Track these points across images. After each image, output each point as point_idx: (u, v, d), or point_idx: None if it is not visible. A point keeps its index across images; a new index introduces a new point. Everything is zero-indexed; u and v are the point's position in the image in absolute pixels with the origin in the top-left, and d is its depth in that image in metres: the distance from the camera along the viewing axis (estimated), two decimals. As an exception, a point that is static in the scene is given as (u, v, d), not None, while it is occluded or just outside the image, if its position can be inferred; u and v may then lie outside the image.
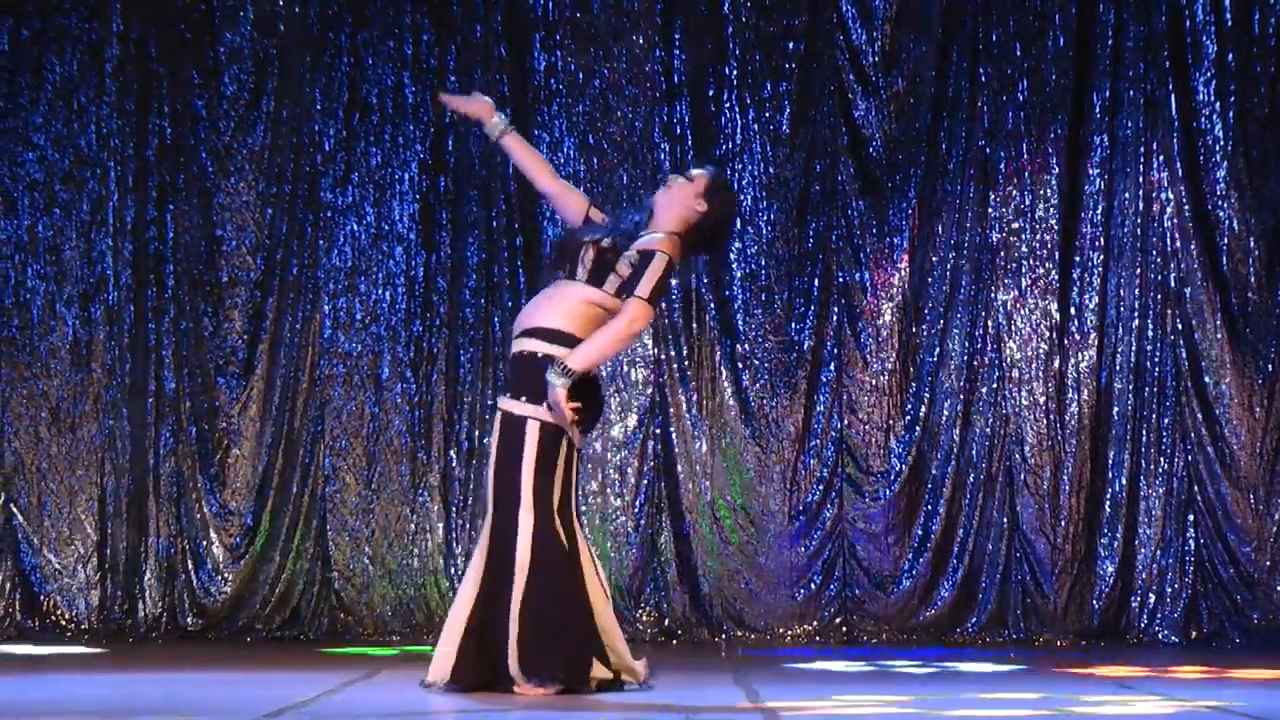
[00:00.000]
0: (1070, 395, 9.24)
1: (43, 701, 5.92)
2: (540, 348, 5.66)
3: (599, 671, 5.65)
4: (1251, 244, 9.20)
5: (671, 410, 9.31)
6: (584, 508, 9.14)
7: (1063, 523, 9.20)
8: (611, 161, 9.28)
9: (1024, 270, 9.30)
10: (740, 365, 9.33)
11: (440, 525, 9.20)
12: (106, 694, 6.25)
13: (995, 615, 9.17)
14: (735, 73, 9.32)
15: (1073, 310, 9.27)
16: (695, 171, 5.93)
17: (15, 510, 9.28)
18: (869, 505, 9.32)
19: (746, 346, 9.34)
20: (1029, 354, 9.27)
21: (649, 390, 9.31)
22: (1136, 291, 9.21)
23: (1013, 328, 9.29)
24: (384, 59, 9.36)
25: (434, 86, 9.11)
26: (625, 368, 9.26)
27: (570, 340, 5.64)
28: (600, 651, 5.67)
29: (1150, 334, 9.23)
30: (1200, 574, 9.12)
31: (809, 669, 7.56)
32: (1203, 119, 9.22)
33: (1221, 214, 9.22)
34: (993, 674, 7.23)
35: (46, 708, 5.59)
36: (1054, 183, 9.29)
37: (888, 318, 9.36)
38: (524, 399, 5.63)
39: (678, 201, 5.84)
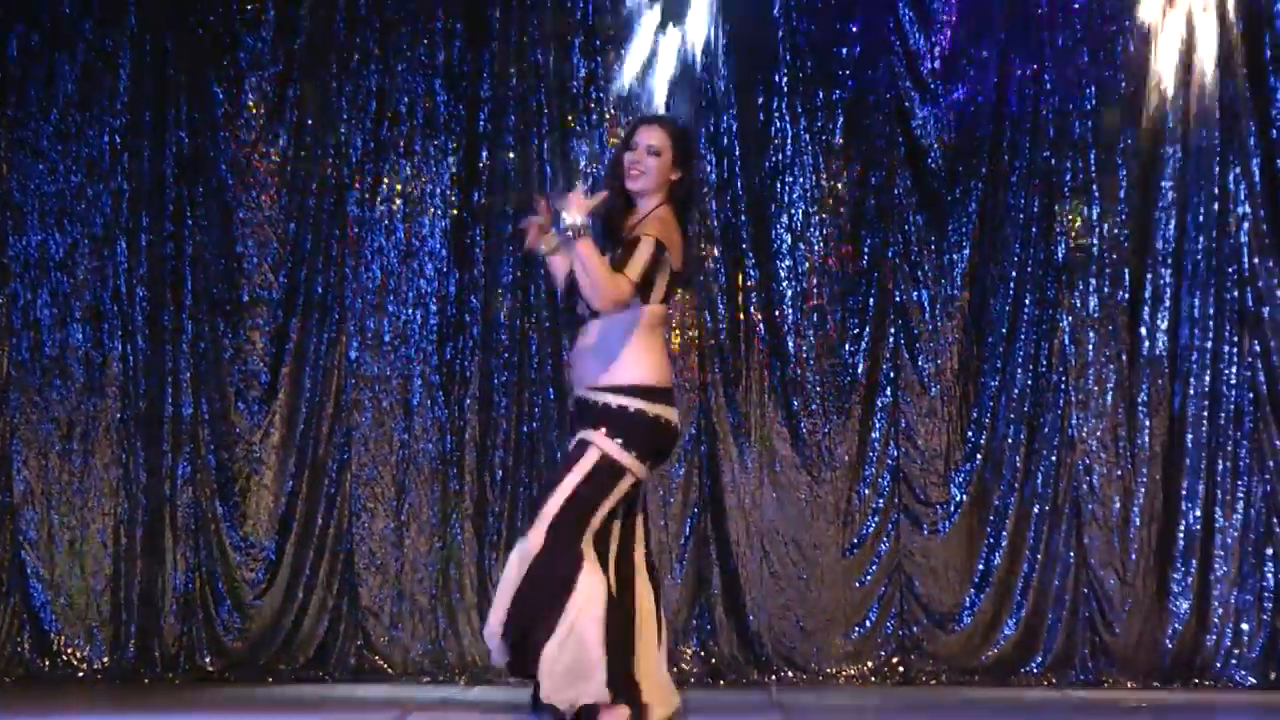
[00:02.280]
0: (1141, 422, 9.16)
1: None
2: (631, 404, 5.74)
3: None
4: (1336, 260, 9.12)
5: (718, 438, 9.22)
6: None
7: (1133, 557, 9.12)
8: (654, 175, 9.12)
9: (1091, 289, 9.20)
10: (790, 390, 9.24)
11: (474, 559, 9.09)
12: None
13: (1061, 655, 9.08)
14: (785, 80, 9.22)
15: (1143, 331, 9.18)
16: (648, 140, 5.88)
17: (24, 543, 9.25)
18: (927, 538, 9.24)
19: (797, 370, 9.24)
20: (1097, 378, 9.18)
21: (693, 416, 9.18)
22: (1211, 311, 9.13)
23: (1080, 350, 9.16)
24: (414, 66, 9.30)
25: (466, 100, 9.10)
26: None
27: (651, 391, 5.76)
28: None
29: (1226, 357, 9.13)
30: None
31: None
32: None
33: None
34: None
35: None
36: (1123, 196, 9.20)
37: (947, 339, 9.30)
38: (604, 431, 5.71)
39: (660, 181, 5.89)
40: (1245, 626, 9.01)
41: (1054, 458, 9.14)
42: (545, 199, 5.88)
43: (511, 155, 9.11)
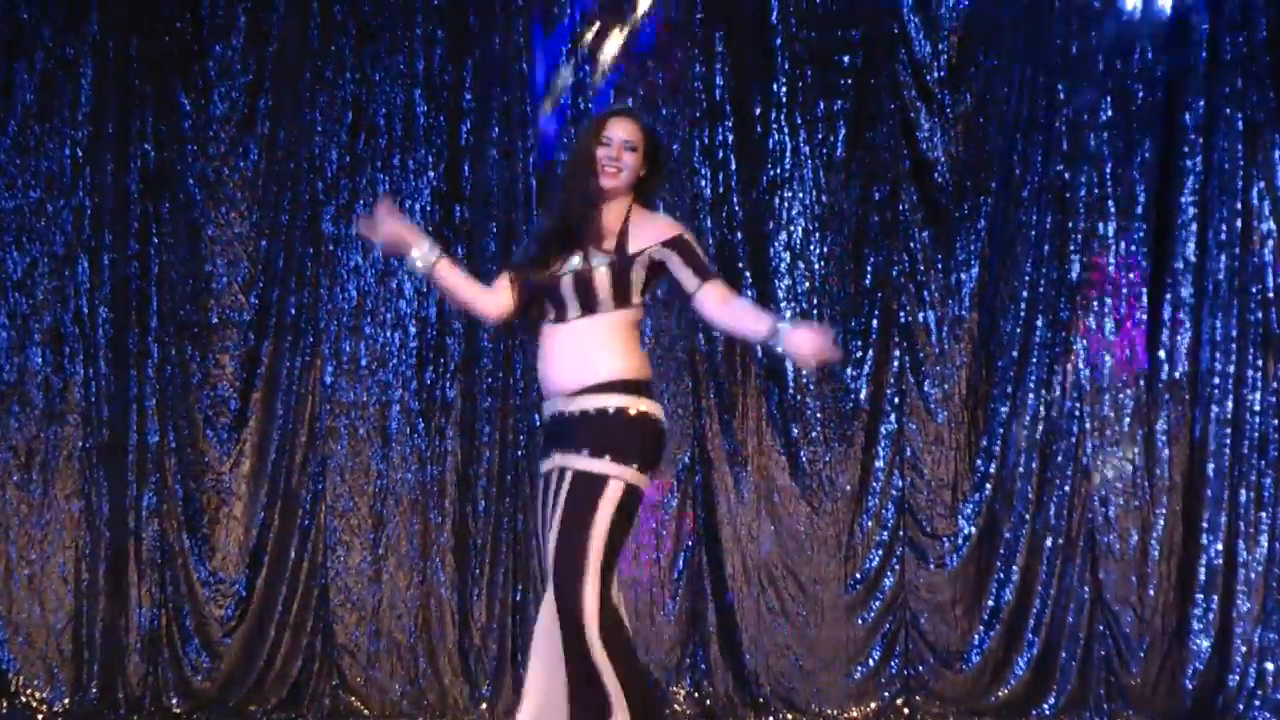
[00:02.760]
0: (1160, 450, 9.04)
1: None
2: (625, 402, 5.62)
3: None
4: (1362, 281, 9.05)
5: (713, 466, 9.14)
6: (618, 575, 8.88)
7: (1151, 592, 9.00)
8: (646, 188, 8.99)
9: (1107, 310, 9.10)
10: (789, 416, 9.15)
11: (455, 594, 9.00)
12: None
13: (1076, 695, 8.96)
14: (784, 90, 9.11)
15: (1162, 355, 9.06)
16: (623, 134, 5.72)
17: None
18: (933, 573, 9.16)
19: (796, 395, 9.13)
20: (1113, 404, 9.07)
21: (688, 444, 9.14)
22: (1234, 334, 9.00)
23: (1095, 375, 9.09)
24: (393, 75, 9.18)
25: (448, 111, 9.00)
26: None
27: (641, 386, 5.67)
28: None
29: (1249, 381, 8.99)
30: None
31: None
32: None
33: None
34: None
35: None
36: (1141, 212, 9.10)
37: (955, 363, 9.19)
38: (608, 458, 5.55)
39: (633, 179, 5.76)
40: (1269, 666, 8.86)
41: (1068, 488, 9.04)
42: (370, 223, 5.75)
43: (495, 170, 9.02)
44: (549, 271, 5.67)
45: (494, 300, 5.77)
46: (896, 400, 9.14)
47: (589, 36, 9.20)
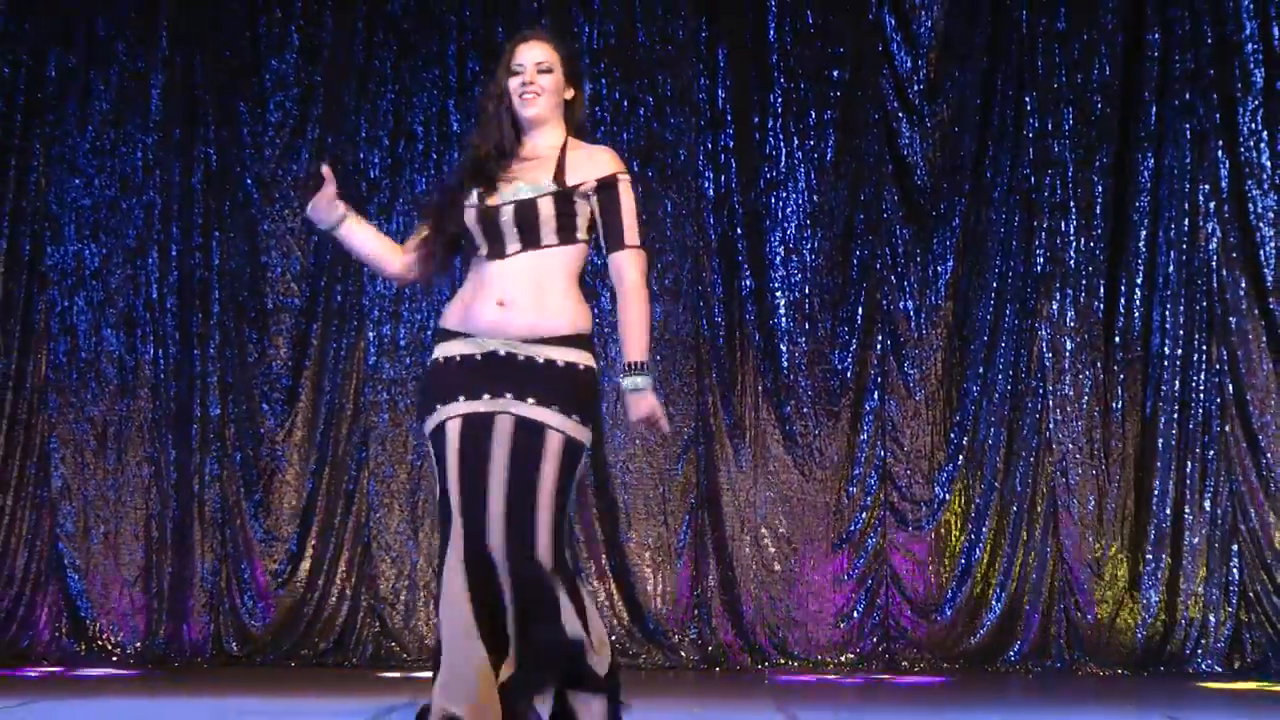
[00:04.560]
0: (1115, 426, 9.16)
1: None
2: (574, 357, 4.94)
3: None
4: (1297, 273, 9.14)
5: (714, 439, 9.26)
6: (629, 533, 9.18)
7: (1106, 552, 9.10)
8: (655, 190, 9.24)
9: (1068, 300, 9.23)
10: (783, 394, 9.27)
11: None
12: (155, 719, 6.37)
13: (1038, 644, 9.09)
14: (780, 101, 9.28)
15: (1117, 340, 9.19)
16: (535, 57, 4.99)
17: (62, 536, 9.30)
18: (911, 534, 9.25)
19: (790, 375, 9.29)
20: (1074, 384, 9.19)
21: (691, 418, 9.26)
22: (1182, 321, 9.13)
23: (1057, 357, 9.20)
24: (428, 87, 9.34)
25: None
26: (666, 395, 9.14)
27: (590, 340, 4.99)
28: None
29: (1195, 364, 9.13)
30: (1244, 604, 9.01)
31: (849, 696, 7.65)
32: (1249, 148, 9.10)
33: (1268, 244, 9.10)
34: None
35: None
36: (1099, 212, 9.20)
37: (932, 347, 9.30)
38: (557, 409, 4.87)
39: (556, 103, 5.03)
40: (1212, 618, 8.98)
41: (1032, 458, 9.11)
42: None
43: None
44: (475, 204, 4.93)
45: (400, 259, 5.06)
46: (879, 380, 9.25)
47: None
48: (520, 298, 4.87)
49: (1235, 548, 9.06)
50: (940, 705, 7.50)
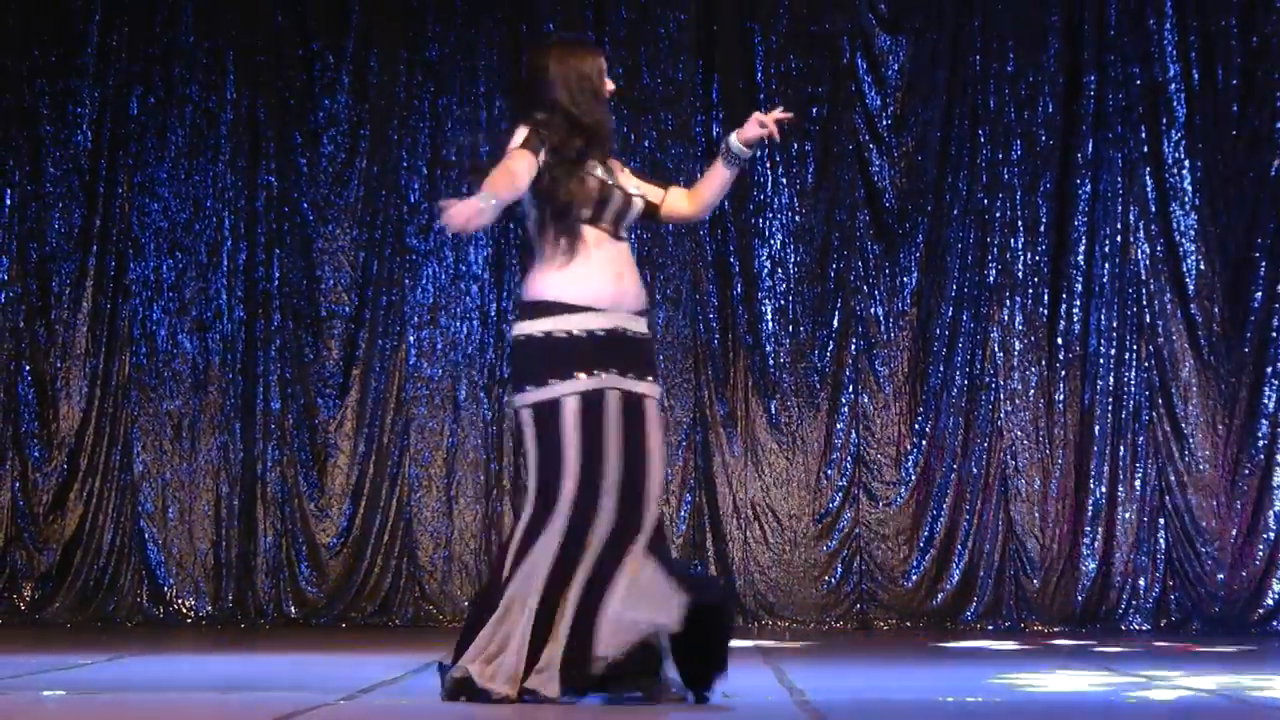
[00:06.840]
0: (1057, 415, 9.50)
1: (171, 678, 6.27)
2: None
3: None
4: (1215, 283, 9.52)
5: (710, 427, 9.55)
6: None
7: (1050, 525, 9.47)
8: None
9: (1017, 306, 9.57)
10: (771, 388, 9.56)
11: (510, 526, 8.51)
12: (225, 671, 6.59)
13: (992, 605, 9.47)
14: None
15: (1059, 341, 9.54)
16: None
17: (143, 514, 9.60)
18: (882, 510, 9.58)
19: (776, 372, 9.59)
20: (1022, 379, 9.54)
21: (690, 409, 9.56)
22: (1115, 325, 9.47)
23: (1007, 356, 9.54)
24: (461, 122, 9.63)
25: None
26: (668, 390, 9.26)
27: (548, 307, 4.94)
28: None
29: (1127, 362, 9.49)
30: (1170, 570, 9.40)
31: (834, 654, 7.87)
32: (1174, 174, 9.50)
33: (1190, 257, 9.48)
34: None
35: (175, 683, 5.97)
36: (1043, 230, 9.55)
37: (899, 347, 9.62)
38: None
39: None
40: (1142, 582, 9.38)
41: (986, 444, 9.44)
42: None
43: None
44: (601, 178, 4.91)
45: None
46: (853, 376, 9.58)
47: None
48: (635, 278, 4.97)
49: (1162, 522, 9.47)
50: (906, 659, 7.68)
